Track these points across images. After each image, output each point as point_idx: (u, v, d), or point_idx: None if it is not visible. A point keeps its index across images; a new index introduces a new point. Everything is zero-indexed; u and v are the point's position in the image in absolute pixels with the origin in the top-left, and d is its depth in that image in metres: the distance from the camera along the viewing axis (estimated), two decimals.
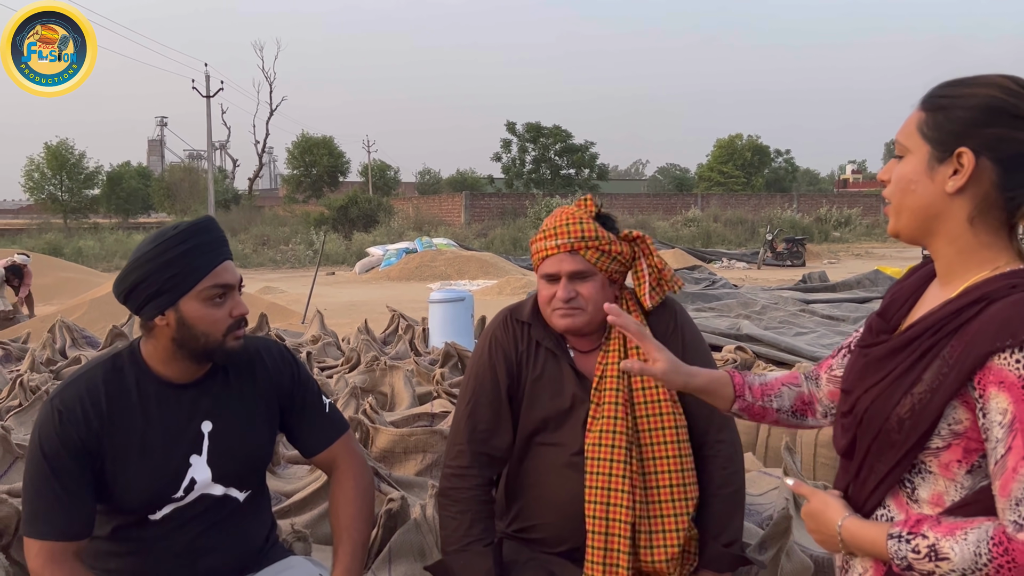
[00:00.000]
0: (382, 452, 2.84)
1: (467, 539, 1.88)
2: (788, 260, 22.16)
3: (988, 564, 1.09)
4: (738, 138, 54.58)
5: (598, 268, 1.89)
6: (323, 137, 53.10)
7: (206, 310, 1.66)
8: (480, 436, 1.92)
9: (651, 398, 1.87)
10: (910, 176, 1.23)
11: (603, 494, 1.81)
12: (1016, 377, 1.10)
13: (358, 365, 4.48)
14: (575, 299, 1.87)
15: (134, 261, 1.65)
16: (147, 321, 1.67)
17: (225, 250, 1.71)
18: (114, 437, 1.65)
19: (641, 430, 1.86)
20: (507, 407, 1.94)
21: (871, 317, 1.38)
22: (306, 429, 1.87)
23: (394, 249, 21.99)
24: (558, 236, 1.89)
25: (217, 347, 1.68)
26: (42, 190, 49.78)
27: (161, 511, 1.70)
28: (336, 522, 1.83)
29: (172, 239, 1.64)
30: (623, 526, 1.79)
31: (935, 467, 1.21)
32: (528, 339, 1.97)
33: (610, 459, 1.82)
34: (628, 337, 1.83)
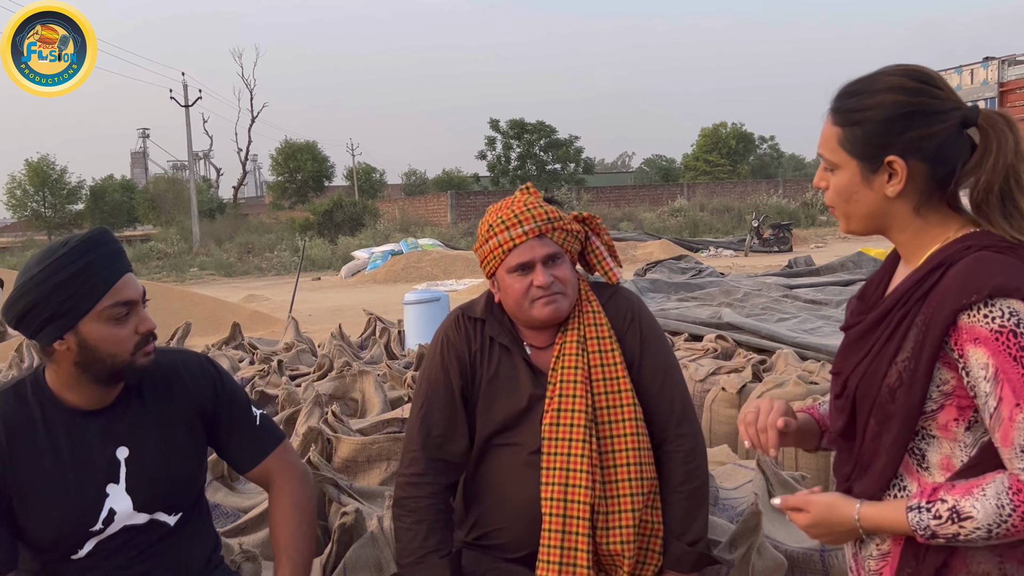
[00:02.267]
0: (344, 462, 2.74)
1: (423, 550, 1.80)
2: (775, 246, 22.16)
3: (1012, 513, 1.12)
4: (722, 127, 54.56)
5: (564, 249, 1.86)
6: (307, 142, 52.83)
7: (109, 330, 1.54)
8: (435, 442, 1.86)
9: (609, 376, 1.83)
10: (849, 188, 1.30)
11: (561, 475, 1.76)
12: (988, 331, 1.15)
13: (331, 371, 4.37)
14: (555, 283, 1.82)
15: (23, 284, 1.53)
16: (45, 347, 1.55)
17: (123, 263, 1.60)
18: (18, 472, 1.55)
19: (599, 410, 1.81)
20: (462, 411, 1.87)
21: (851, 300, 1.45)
22: (235, 444, 1.77)
23: (380, 252, 21.87)
24: (523, 223, 1.82)
25: (125, 367, 1.58)
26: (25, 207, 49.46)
27: (83, 548, 1.59)
28: (274, 542, 1.74)
29: (63, 257, 1.51)
30: (582, 507, 1.73)
31: (935, 430, 1.25)
32: (482, 337, 1.90)
33: (568, 439, 1.78)
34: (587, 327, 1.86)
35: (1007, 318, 1.14)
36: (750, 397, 3.85)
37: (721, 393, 4.05)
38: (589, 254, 1.96)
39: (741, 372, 4.12)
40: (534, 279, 1.81)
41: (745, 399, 3.89)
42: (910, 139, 1.24)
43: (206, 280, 24.05)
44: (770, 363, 4.40)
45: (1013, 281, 1.15)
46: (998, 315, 1.15)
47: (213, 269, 26.39)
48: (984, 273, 1.17)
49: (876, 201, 1.29)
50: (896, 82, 1.25)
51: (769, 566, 1.98)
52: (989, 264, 1.18)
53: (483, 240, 1.88)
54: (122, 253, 1.61)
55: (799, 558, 2.08)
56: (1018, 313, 1.14)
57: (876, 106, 1.25)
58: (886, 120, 1.24)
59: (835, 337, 4.93)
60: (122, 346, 1.56)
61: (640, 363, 1.87)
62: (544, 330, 1.89)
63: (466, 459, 1.89)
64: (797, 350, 4.60)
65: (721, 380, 4.09)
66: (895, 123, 1.24)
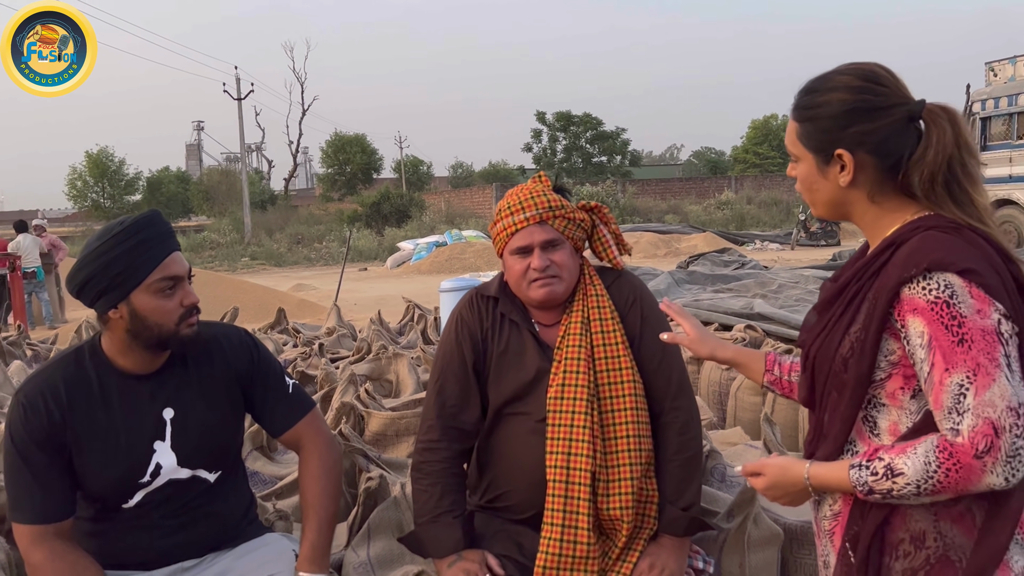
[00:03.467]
0: (375, 435, 2.92)
1: (437, 510, 1.94)
2: (822, 240, 21.88)
3: (937, 470, 1.21)
4: (773, 118, 53.75)
5: (565, 236, 1.97)
6: (356, 135, 53.55)
7: (157, 302, 1.72)
8: (449, 411, 1.99)
9: (611, 354, 1.94)
10: (809, 178, 1.43)
11: (564, 444, 1.87)
12: (925, 302, 1.25)
13: (369, 354, 4.56)
14: (550, 267, 1.93)
15: (83, 258, 1.72)
16: (101, 315, 1.74)
17: (172, 242, 1.77)
18: (76, 427, 1.73)
19: (601, 385, 1.92)
20: (474, 383, 2.00)
21: (825, 283, 1.54)
22: (269, 410, 1.94)
23: (424, 243, 22.17)
24: (525, 209, 1.95)
25: (171, 336, 1.74)
26: (85, 198, 50.99)
27: (133, 499, 1.78)
28: (303, 499, 1.91)
29: (118, 235, 1.69)
30: (583, 474, 1.84)
31: (884, 398, 1.35)
32: (493, 314, 2.03)
33: (572, 411, 1.88)
34: (590, 308, 1.98)
35: (942, 290, 1.23)
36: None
37: (745, 382, 4.13)
38: (595, 242, 2.07)
39: None
40: (531, 262, 1.93)
41: None
42: (854, 133, 1.34)
43: (257, 270, 24.63)
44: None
45: (949, 256, 1.24)
46: (934, 287, 1.24)
47: (264, 259, 27.03)
48: (926, 249, 1.26)
49: (833, 190, 1.40)
50: (844, 81, 1.36)
51: (765, 535, 2.09)
52: (932, 241, 1.27)
53: (494, 223, 2.03)
54: (171, 233, 1.78)
55: (797, 531, 2.18)
56: (952, 285, 1.23)
57: (825, 103, 1.36)
58: (833, 116, 1.35)
59: None
60: (168, 317, 1.73)
61: (640, 341, 1.98)
62: (551, 309, 2.01)
63: (478, 427, 2.01)
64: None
65: None
66: (840, 119, 1.35)
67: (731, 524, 2.07)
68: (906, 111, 1.34)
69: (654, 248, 21.15)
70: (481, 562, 1.89)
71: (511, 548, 1.94)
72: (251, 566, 1.83)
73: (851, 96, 1.35)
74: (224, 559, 1.85)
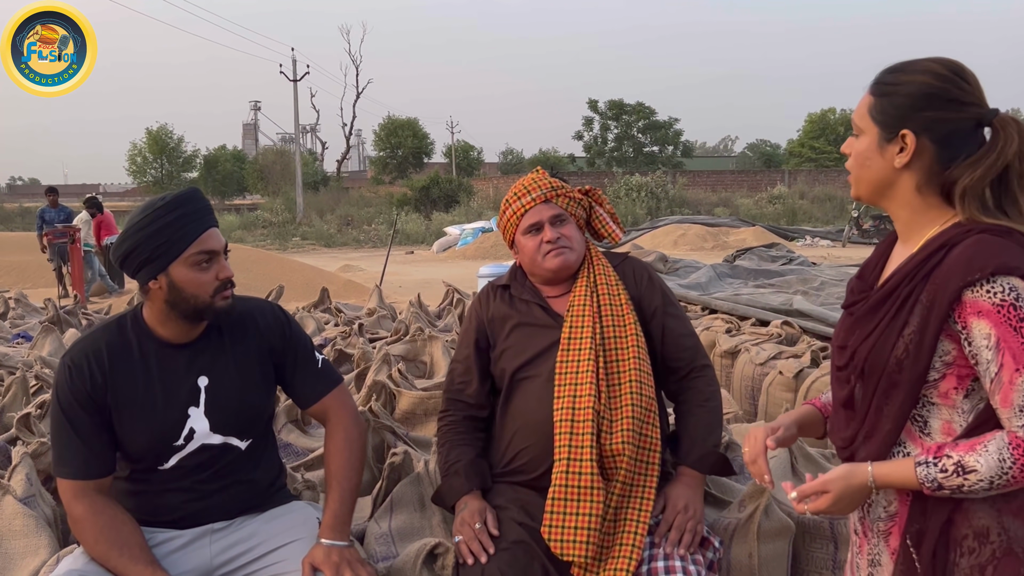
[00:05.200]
0: (404, 414, 3.01)
1: (447, 464, 2.16)
2: (875, 238, 21.40)
3: (1012, 466, 1.28)
4: (831, 112, 52.60)
5: (569, 212, 2.21)
6: (408, 119, 53.89)
7: (194, 274, 1.81)
8: (456, 386, 2.26)
9: (616, 312, 2.14)
10: (865, 153, 1.45)
11: (570, 388, 2.03)
12: (991, 305, 1.30)
13: (406, 335, 4.66)
14: (561, 238, 2.16)
15: (127, 231, 1.82)
16: (143, 285, 1.85)
17: (210, 218, 1.87)
18: (117, 390, 1.84)
19: (607, 338, 2.10)
20: (477, 364, 2.23)
21: (851, 281, 1.58)
22: (299, 382, 2.03)
23: (470, 228, 22.28)
24: (531, 192, 2.20)
25: (206, 307, 1.84)
26: (144, 174, 52.25)
27: (169, 461, 1.89)
28: (327, 470, 1.99)
29: (160, 210, 1.80)
30: (587, 411, 1.99)
31: (936, 398, 1.39)
32: (504, 299, 2.26)
33: (577, 359, 2.06)
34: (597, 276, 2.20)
35: (1007, 293, 1.29)
36: (806, 382, 3.92)
37: (778, 377, 4.13)
38: (594, 220, 2.30)
39: (800, 357, 4.19)
40: (543, 236, 2.16)
41: (801, 383, 3.97)
42: (925, 118, 1.38)
43: (307, 249, 25.05)
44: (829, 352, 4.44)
45: (1013, 260, 1.30)
46: (999, 290, 1.29)
47: (314, 239, 27.45)
48: (987, 253, 1.31)
49: (884, 169, 1.43)
50: (931, 67, 1.39)
51: (775, 527, 2.12)
52: (990, 245, 1.32)
53: (501, 214, 2.25)
54: (209, 210, 1.87)
55: (809, 524, 2.20)
56: (1017, 289, 1.29)
57: (907, 83, 1.40)
58: (911, 96, 1.39)
59: None
60: (204, 289, 1.83)
61: (664, 312, 2.20)
62: (559, 283, 2.22)
63: (481, 400, 2.23)
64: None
65: (780, 364, 4.17)
66: (917, 100, 1.38)
67: (742, 514, 2.11)
68: (978, 113, 1.38)
69: (701, 241, 20.94)
70: (481, 511, 2.02)
71: (520, 514, 2.03)
72: (277, 530, 1.93)
73: (935, 82, 1.38)
74: (252, 523, 1.95)
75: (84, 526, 1.80)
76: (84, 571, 1.77)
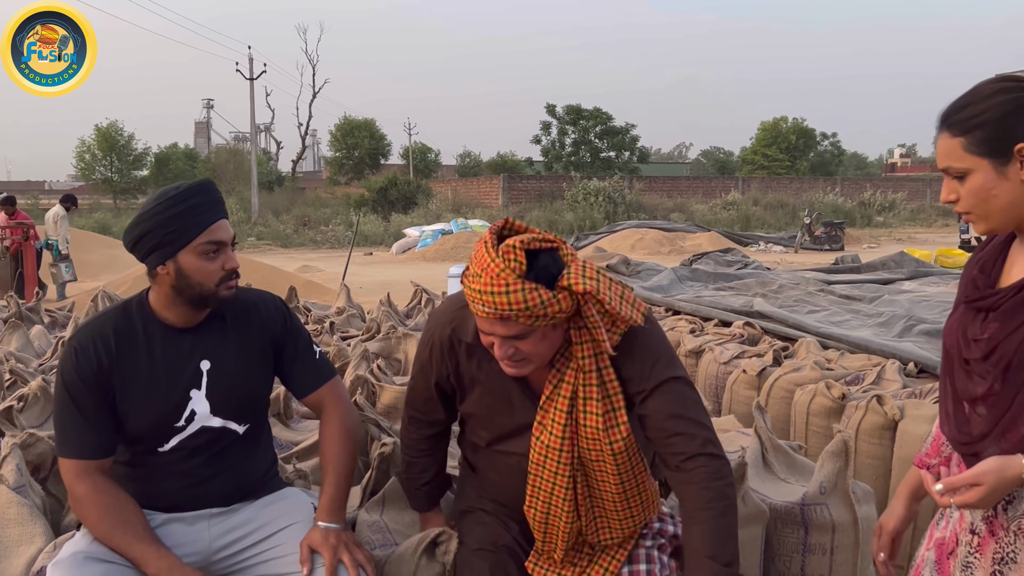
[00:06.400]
0: (386, 408, 3.06)
1: (412, 478, 2.21)
2: (826, 244, 21.99)
3: None
4: (783, 121, 53.74)
5: (535, 327, 1.69)
6: (365, 120, 53.63)
7: (201, 263, 1.86)
8: (417, 409, 2.12)
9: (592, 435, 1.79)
10: (986, 186, 1.43)
11: (544, 506, 1.88)
12: None
13: (379, 334, 4.71)
14: (516, 353, 1.73)
15: (140, 215, 1.87)
16: (151, 269, 1.89)
17: (220, 210, 1.92)
18: (122, 372, 1.88)
19: (585, 462, 1.84)
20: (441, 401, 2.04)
21: (973, 277, 1.57)
22: (297, 372, 2.09)
23: (430, 230, 22.31)
24: (484, 304, 1.66)
25: (211, 295, 1.89)
26: (93, 171, 51.08)
27: (169, 443, 1.93)
28: (323, 457, 2.05)
29: (174, 198, 1.84)
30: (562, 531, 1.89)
31: None
32: (474, 361, 1.91)
33: (552, 484, 1.84)
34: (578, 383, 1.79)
35: None
36: (768, 380, 4.07)
37: (742, 375, 4.28)
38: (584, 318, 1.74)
39: (763, 357, 4.35)
40: (495, 346, 1.75)
41: (764, 381, 4.12)
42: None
43: (263, 250, 24.79)
44: (792, 350, 4.61)
45: None
46: None
47: (270, 239, 27.16)
48: None
49: (1013, 190, 1.42)
50: (998, 87, 1.42)
51: (752, 512, 2.23)
52: None
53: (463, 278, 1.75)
54: (221, 202, 1.92)
55: (781, 511, 2.32)
56: None
57: (989, 109, 1.41)
58: (1003, 117, 1.40)
59: (861, 329, 5.08)
60: (210, 277, 1.87)
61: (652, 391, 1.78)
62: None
63: (447, 421, 2.12)
64: (820, 339, 4.79)
65: (743, 363, 4.33)
66: (1011, 117, 1.39)
67: None
68: None
69: (658, 245, 21.28)
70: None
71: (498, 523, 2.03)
72: (274, 515, 1.98)
73: (1008, 96, 1.40)
74: (249, 508, 2.00)
75: (87, 505, 1.84)
76: (88, 551, 1.80)
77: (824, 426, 3.64)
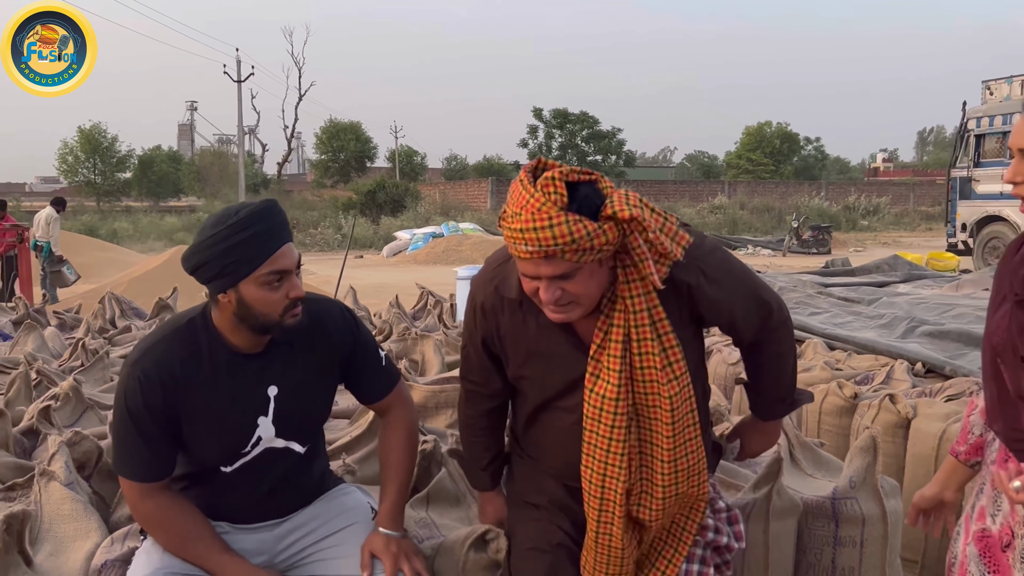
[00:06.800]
0: (417, 407, 3.10)
1: (472, 458, 2.16)
2: (813, 248, 22.21)
3: None
4: (767, 125, 54.23)
5: (583, 263, 1.62)
6: (351, 122, 53.54)
7: (264, 293, 1.76)
8: (474, 379, 2.06)
9: (649, 378, 1.76)
10: None
11: (600, 465, 1.80)
12: None
13: (390, 336, 4.75)
14: (563, 296, 1.66)
15: (198, 244, 1.76)
16: (212, 296, 1.82)
17: (284, 234, 1.80)
18: (188, 403, 1.82)
19: (639, 405, 1.79)
20: (492, 366, 1.99)
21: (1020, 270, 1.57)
22: (366, 381, 2.06)
23: (421, 233, 22.36)
24: (528, 243, 1.58)
25: (275, 325, 1.81)
26: (76, 173, 50.67)
27: (232, 465, 1.91)
28: (386, 460, 2.06)
29: (233, 226, 1.72)
30: (619, 494, 1.80)
31: None
32: (519, 316, 1.86)
33: (609, 436, 1.78)
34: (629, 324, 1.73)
35: None
36: None
37: None
38: (630, 251, 1.67)
39: None
40: (540, 292, 1.67)
41: None
42: None
43: None
44: (800, 351, 4.70)
45: None
46: None
47: None
48: None
49: None
50: None
51: (787, 506, 2.30)
52: None
53: (501, 222, 1.68)
54: (285, 225, 1.81)
55: (812, 505, 2.39)
56: None
57: None
58: None
59: (864, 331, 5.18)
60: (273, 308, 1.78)
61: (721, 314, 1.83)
62: None
63: (503, 392, 2.03)
64: (826, 341, 4.88)
65: None
66: None
67: (758, 494, 2.29)
68: None
69: None
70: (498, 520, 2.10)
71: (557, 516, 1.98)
72: (333, 513, 2.00)
73: None
74: (306, 510, 2.02)
75: (156, 523, 1.84)
76: (167, 566, 1.81)
77: (837, 425, 3.72)
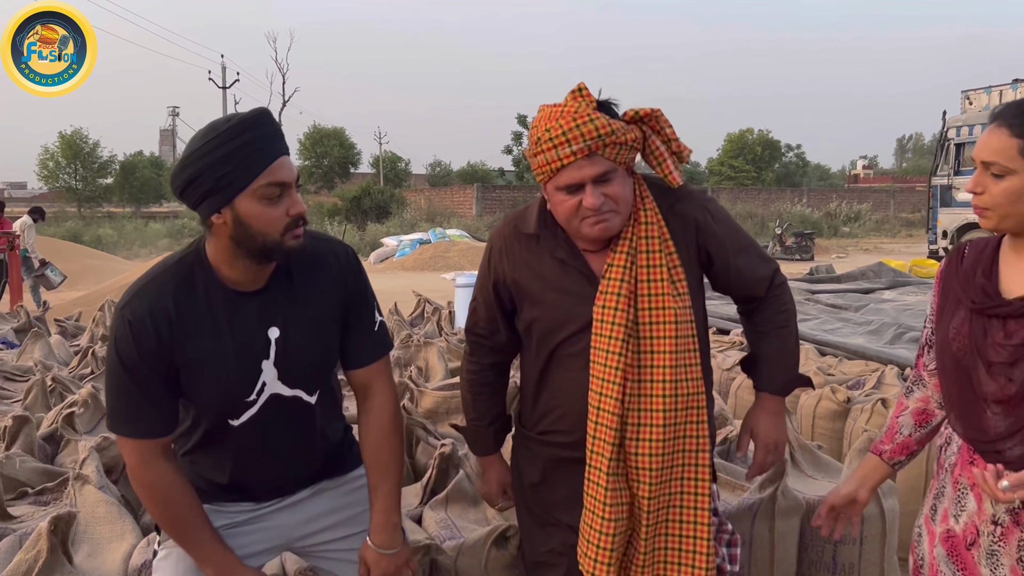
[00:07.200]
0: (427, 412, 3.20)
1: (474, 415, 2.09)
2: (796, 254, 22.43)
3: None
4: (749, 132, 54.71)
5: (618, 163, 1.76)
6: (334, 128, 53.48)
7: (262, 209, 1.59)
8: (479, 333, 2.04)
9: (655, 291, 1.81)
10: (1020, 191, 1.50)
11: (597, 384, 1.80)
12: None
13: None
14: (606, 202, 1.75)
15: (187, 157, 1.59)
16: (205, 219, 1.63)
17: (281, 145, 1.63)
18: (186, 347, 1.65)
19: (641, 324, 1.81)
20: (501, 316, 1.99)
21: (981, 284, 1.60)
22: (355, 339, 1.83)
23: (408, 240, 22.37)
24: (571, 142, 1.70)
25: (275, 246, 1.63)
26: (56, 179, 50.31)
27: (240, 418, 1.73)
28: (368, 449, 1.83)
29: (224, 134, 1.55)
30: (610, 416, 1.77)
31: None
32: (535, 252, 1.89)
33: (606, 351, 1.78)
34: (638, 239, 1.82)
35: None
36: None
37: (745, 381, 4.47)
38: (648, 155, 1.82)
39: None
40: (583, 199, 1.74)
41: None
42: None
43: None
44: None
45: None
46: None
47: None
48: None
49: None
50: None
51: (791, 505, 2.41)
52: None
53: (532, 153, 1.78)
54: (280, 136, 1.63)
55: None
56: None
57: None
58: None
59: (853, 337, 5.33)
60: (273, 225, 1.60)
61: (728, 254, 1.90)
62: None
63: (509, 346, 2.03)
64: (817, 347, 5.01)
65: None
66: None
67: (764, 494, 2.39)
68: None
69: None
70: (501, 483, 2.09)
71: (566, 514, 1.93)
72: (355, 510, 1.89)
73: None
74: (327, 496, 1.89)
75: (154, 495, 1.70)
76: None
77: (830, 428, 3.84)
